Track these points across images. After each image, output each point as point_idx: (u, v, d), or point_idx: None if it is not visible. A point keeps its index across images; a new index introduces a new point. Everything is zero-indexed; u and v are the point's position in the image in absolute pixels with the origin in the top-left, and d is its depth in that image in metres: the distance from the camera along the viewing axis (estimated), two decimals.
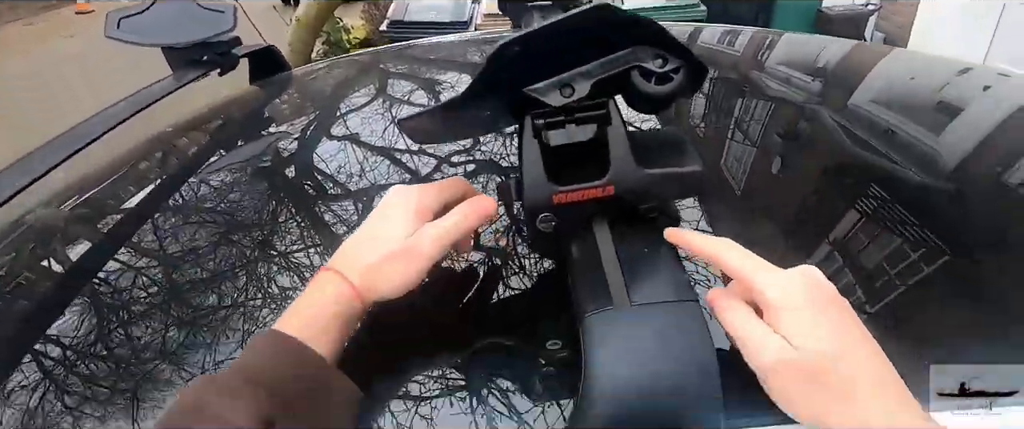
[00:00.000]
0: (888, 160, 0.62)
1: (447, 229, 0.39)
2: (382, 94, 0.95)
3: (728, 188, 0.60)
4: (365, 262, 0.37)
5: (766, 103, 0.81)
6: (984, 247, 0.49)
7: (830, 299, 0.31)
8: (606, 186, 0.37)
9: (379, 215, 0.40)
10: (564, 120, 0.37)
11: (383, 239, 0.38)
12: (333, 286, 0.36)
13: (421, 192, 0.40)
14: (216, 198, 0.66)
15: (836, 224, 0.53)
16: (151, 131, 0.90)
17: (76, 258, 0.62)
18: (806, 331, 0.29)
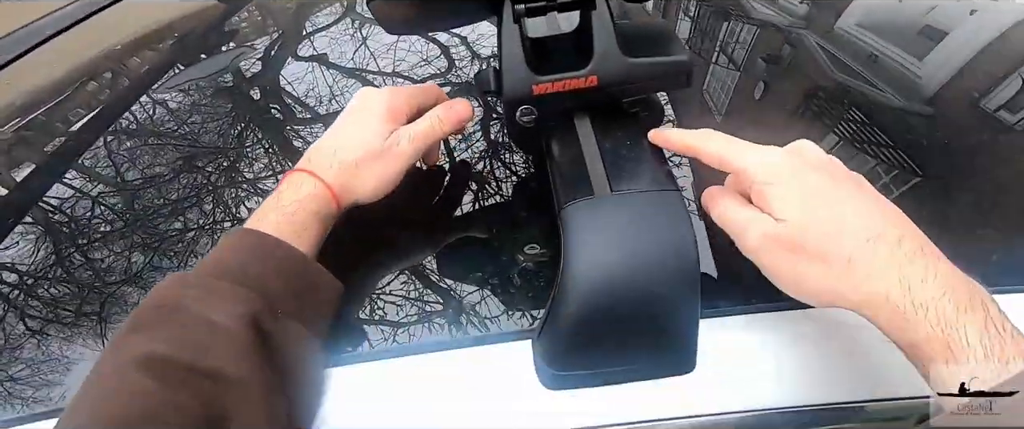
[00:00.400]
0: (869, 85, 0.62)
1: (423, 131, 0.38)
2: (351, 12, 0.90)
3: (710, 112, 0.59)
4: (340, 163, 0.36)
5: (751, 26, 0.79)
6: (957, 171, 0.50)
7: (815, 166, 0.30)
8: (589, 76, 0.35)
9: (350, 118, 0.38)
10: (545, 6, 0.35)
11: (358, 141, 0.37)
12: (309, 186, 0.35)
13: (392, 94, 0.39)
14: (174, 118, 0.63)
15: None
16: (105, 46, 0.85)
17: (22, 181, 0.58)
18: (788, 203, 0.29)
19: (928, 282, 0.25)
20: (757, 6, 0.86)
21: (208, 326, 0.28)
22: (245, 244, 0.32)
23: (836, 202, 0.29)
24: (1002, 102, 0.58)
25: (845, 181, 0.30)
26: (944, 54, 0.69)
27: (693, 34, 0.79)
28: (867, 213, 0.28)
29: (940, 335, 0.24)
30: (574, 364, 0.32)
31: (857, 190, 0.30)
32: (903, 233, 0.27)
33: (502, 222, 0.44)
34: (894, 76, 0.65)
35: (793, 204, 0.29)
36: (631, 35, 0.37)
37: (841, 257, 0.27)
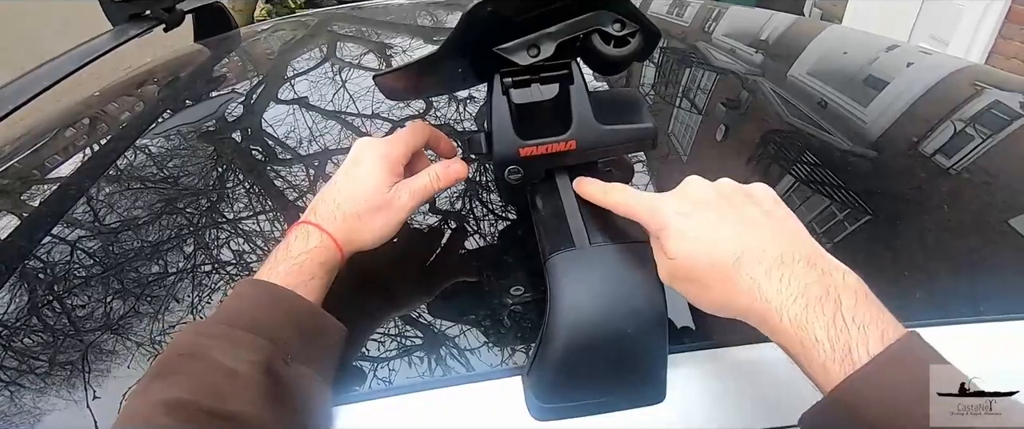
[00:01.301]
0: (820, 129, 0.68)
1: (423, 187, 0.42)
2: (333, 57, 0.93)
3: (674, 152, 0.63)
4: (344, 215, 0.39)
5: (713, 73, 0.85)
6: (902, 207, 0.55)
7: (697, 203, 0.34)
8: (568, 141, 0.40)
9: (352, 169, 0.41)
10: (530, 79, 0.40)
11: (360, 193, 0.39)
12: (316, 238, 0.38)
13: (388, 143, 0.42)
14: (163, 164, 0.64)
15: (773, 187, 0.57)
16: (87, 91, 0.85)
17: (7, 233, 0.58)
18: (674, 244, 0.32)
19: (784, 289, 0.29)
20: (717, 55, 0.93)
21: (226, 372, 0.30)
22: (257, 294, 0.35)
23: (712, 231, 0.32)
24: (938, 147, 0.64)
25: (725, 208, 0.33)
26: (885, 102, 0.75)
27: (658, 80, 0.85)
28: (735, 235, 0.32)
29: (796, 334, 0.28)
30: (561, 397, 0.35)
31: (735, 213, 0.33)
32: (767, 247, 0.31)
33: (491, 267, 0.47)
34: (842, 121, 0.71)
35: (677, 243, 0.32)
36: (604, 103, 0.42)
37: (719, 279, 0.31)
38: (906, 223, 0.53)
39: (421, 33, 1.05)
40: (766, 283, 0.29)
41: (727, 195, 0.34)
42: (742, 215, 0.33)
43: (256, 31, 1.14)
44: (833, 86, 0.79)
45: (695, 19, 1.11)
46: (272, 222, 0.54)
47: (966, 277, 0.47)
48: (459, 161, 0.44)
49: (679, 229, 0.32)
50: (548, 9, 0.38)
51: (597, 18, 0.40)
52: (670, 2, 1.19)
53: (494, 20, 0.37)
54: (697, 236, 0.32)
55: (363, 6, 1.28)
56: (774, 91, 0.78)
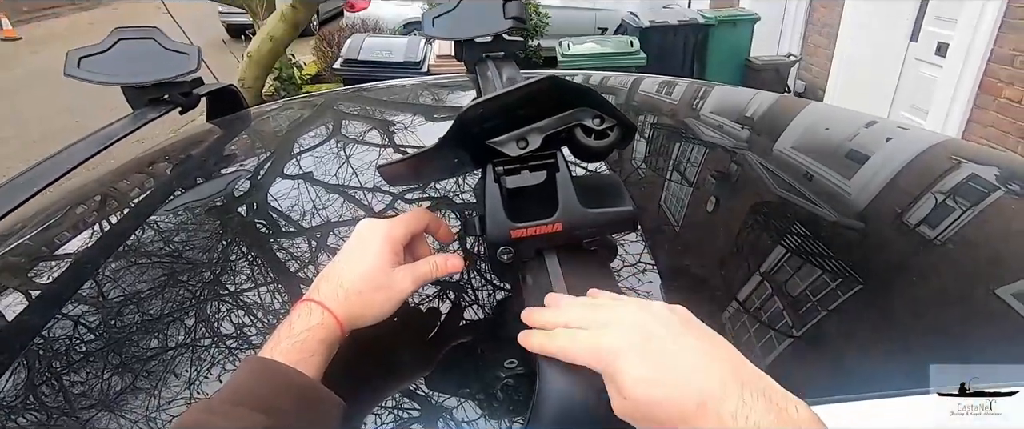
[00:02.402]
0: (807, 200, 0.71)
1: (423, 274, 0.44)
2: (338, 134, 0.97)
3: (668, 223, 0.66)
4: (346, 294, 0.41)
5: (701, 147, 0.89)
6: (887, 275, 0.57)
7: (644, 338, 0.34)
8: (555, 223, 0.44)
9: (355, 248, 0.44)
10: (520, 168, 0.44)
11: (362, 273, 0.42)
12: (318, 316, 0.39)
13: (391, 225, 0.45)
14: (176, 239, 0.66)
15: (764, 257, 0.59)
16: (105, 168, 0.89)
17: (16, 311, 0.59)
18: (630, 386, 0.33)
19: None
20: (705, 130, 0.97)
21: None
22: (260, 371, 0.36)
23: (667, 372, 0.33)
24: (921, 218, 0.67)
25: (667, 342, 0.34)
26: (868, 175, 0.79)
27: (650, 154, 0.89)
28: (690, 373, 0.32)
29: None
30: None
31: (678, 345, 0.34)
32: (723, 384, 0.31)
33: (486, 340, 0.49)
34: (828, 193, 0.74)
35: (634, 387, 0.33)
36: (589, 188, 0.46)
37: (681, 421, 0.32)
38: (896, 292, 0.54)
39: (423, 111, 1.11)
40: (731, 425, 0.30)
41: (663, 321, 0.35)
42: (684, 345, 0.34)
43: (265, 110, 1.20)
44: (817, 160, 0.83)
45: (683, 97, 1.17)
46: (277, 295, 0.56)
47: (954, 346, 0.48)
48: (457, 256, 0.47)
49: (633, 375, 0.33)
50: (534, 108, 0.43)
51: (578, 114, 0.44)
52: (660, 81, 1.26)
53: (486, 118, 0.42)
54: (654, 378, 0.32)
55: (368, 86, 1.35)
56: (761, 164, 0.81)
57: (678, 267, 0.59)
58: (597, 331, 0.36)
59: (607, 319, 0.36)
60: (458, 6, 0.73)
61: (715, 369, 0.32)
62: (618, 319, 0.36)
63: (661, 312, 0.36)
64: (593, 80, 1.38)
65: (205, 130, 1.03)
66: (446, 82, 1.35)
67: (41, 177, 0.58)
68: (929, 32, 3.63)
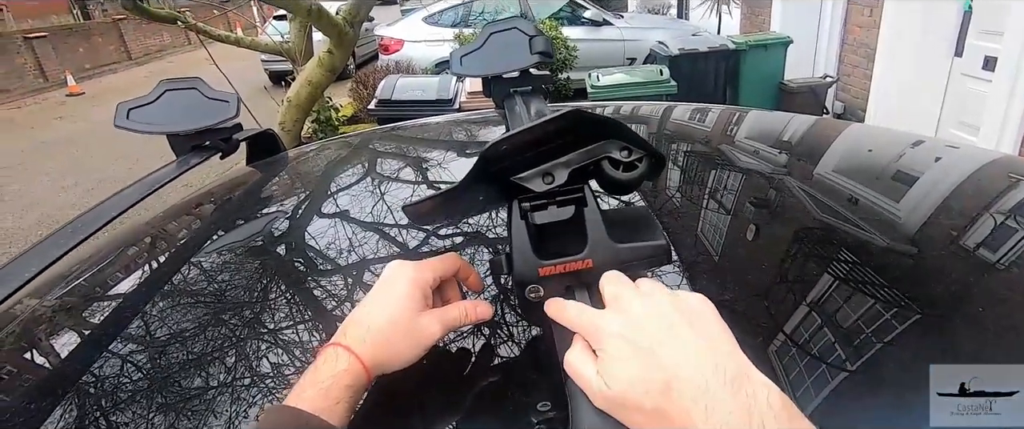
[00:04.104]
0: (853, 225, 0.67)
1: (452, 320, 0.44)
2: (372, 173, 0.99)
3: (706, 253, 0.63)
4: (374, 339, 0.40)
5: (738, 173, 0.86)
6: (946, 303, 0.53)
7: (633, 325, 0.35)
8: (585, 260, 0.42)
9: (383, 291, 0.43)
10: (546, 203, 0.43)
11: (389, 318, 0.41)
12: (344, 361, 0.39)
13: (418, 269, 0.44)
14: (218, 279, 0.68)
15: (810, 286, 0.56)
16: (149, 212, 0.93)
17: (70, 349, 0.61)
18: (608, 365, 0.34)
19: (710, 419, 0.30)
20: (740, 156, 0.95)
21: None
22: (284, 422, 0.36)
23: (646, 358, 0.33)
24: (980, 240, 0.63)
25: (657, 329, 0.34)
26: (918, 196, 0.75)
27: (684, 181, 0.87)
28: (667, 361, 0.33)
29: None
30: None
31: (666, 333, 0.34)
32: (694, 373, 0.32)
33: (515, 384, 0.47)
34: (875, 217, 0.70)
35: (610, 366, 0.34)
36: (618, 222, 0.45)
37: (652, 408, 0.32)
38: (959, 321, 0.50)
39: (455, 147, 1.12)
40: (696, 413, 0.30)
41: (665, 316, 0.35)
42: (680, 339, 0.34)
43: (303, 152, 1.23)
44: (861, 183, 0.79)
45: (717, 123, 1.15)
46: (314, 334, 0.56)
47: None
48: (486, 303, 0.47)
49: (615, 354, 0.34)
50: (560, 141, 0.42)
51: (605, 147, 0.43)
52: (692, 108, 1.25)
53: (511, 153, 0.41)
54: (632, 359, 0.33)
55: (400, 126, 1.37)
56: (802, 189, 0.78)
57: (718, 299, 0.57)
58: (601, 311, 0.38)
59: (615, 300, 0.38)
60: (485, 44, 0.74)
61: (693, 357, 0.33)
62: (622, 304, 0.37)
63: (669, 300, 0.36)
64: (623, 110, 1.38)
65: (245, 173, 1.07)
66: (476, 118, 1.37)
67: (93, 222, 0.61)
68: (974, 46, 3.50)
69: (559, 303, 0.41)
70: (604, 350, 0.35)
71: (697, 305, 0.36)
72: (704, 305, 0.37)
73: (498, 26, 0.77)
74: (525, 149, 0.41)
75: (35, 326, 0.68)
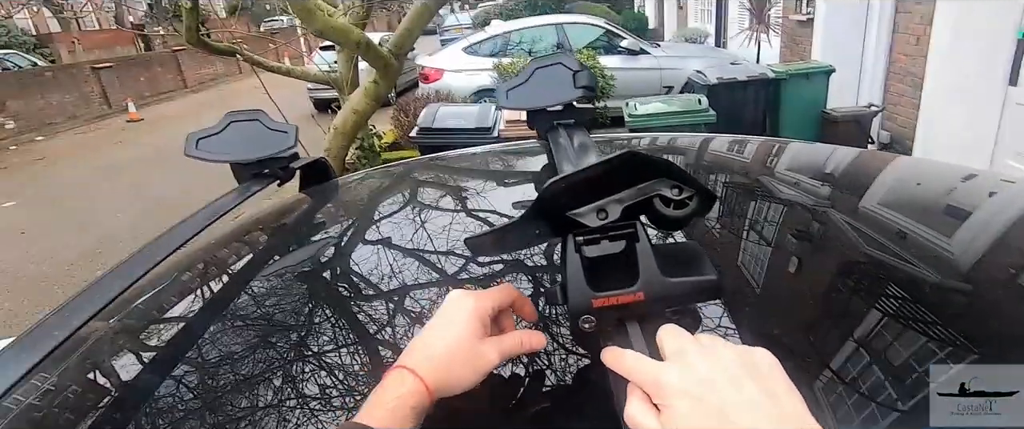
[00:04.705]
0: (902, 260, 0.66)
1: (509, 348, 0.46)
2: (418, 202, 1.03)
3: (748, 285, 0.63)
4: (437, 364, 0.42)
5: (778, 206, 0.86)
6: (1003, 343, 0.52)
7: (701, 382, 0.35)
8: (636, 293, 0.43)
9: (445, 319, 0.45)
10: (599, 237, 0.45)
11: (451, 344, 0.43)
12: (409, 383, 0.41)
13: (479, 298, 0.46)
14: (278, 302, 0.71)
15: (859, 322, 0.56)
16: (211, 235, 0.98)
17: (135, 373, 0.65)
18: (672, 427, 0.34)
19: None
20: (781, 188, 0.94)
21: None
22: None
23: (715, 421, 0.33)
24: None
25: (727, 390, 0.34)
26: (972, 232, 0.73)
27: (724, 214, 0.87)
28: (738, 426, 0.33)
29: None
30: None
31: (736, 395, 0.34)
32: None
33: (567, 411, 0.48)
34: (926, 252, 0.69)
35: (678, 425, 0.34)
36: (668, 256, 0.46)
37: None
38: (1016, 361, 0.49)
39: (499, 177, 1.15)
40: None
41: (730, 374, 0.35)
42: (745, 398, 0.34)
43: (351, 180, 1.29)
44: (910, 217, 0.78)
45: (756, 155, 1.14)
46: (372, 357, 0.58)
47: None
48: (540, 333, 0.49)
49: (682, 413, 0.34)
50: (614, 180, 0.44)
51: (657, 185, 0.45)
52: (730, 140, 1.25)
53: (566, 191, 0.44)
54: (698, 421, 0.33)
55: (447, 155, 1.42)
56: (847, 222, 0.77)
57: (765, 334, 0.57)
58: (663, 364, 0.38)
59: (678, 355, 0.37)
60: (531, 78, 0.78)
61: (763, 418, 0.32)
62: (687, 358, 0.37)
63: (733, 357, 0.36)
64: (660, 141, 1.39)
65: (298, 199, 1.12)
66: (517, 149, 1.40)
67: (166, 246, 0.66)
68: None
69: (616, 352, 0.41)
70: (668, 406, 0.35)
71: (763, 361, 0.37)
72: (770, 361, 0.37)
73: (543, 61, 0.81)
74: (581, 187, 0.44)
75: (105, 347, 0.71)
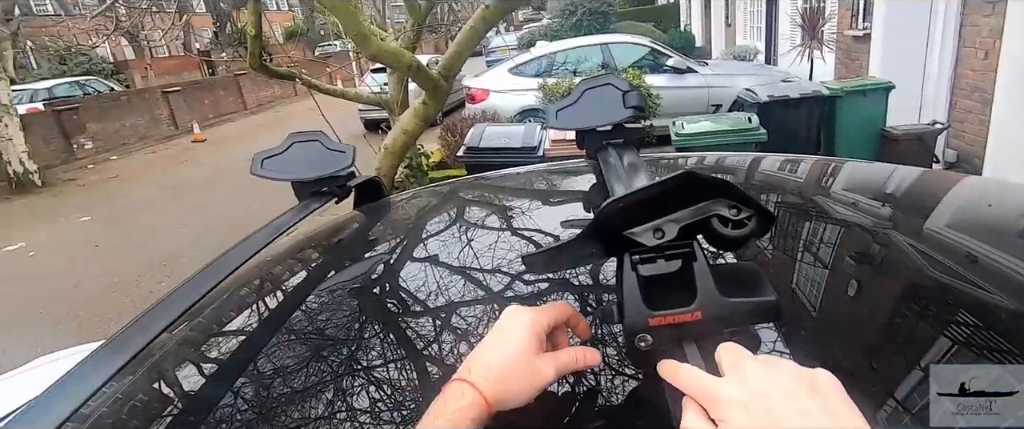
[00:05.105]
0: (973, 285, 0.63)
1: (564, 363, 0.46)
2: (465, 219, 1.05)
3: (805, 308, 0.62)
4: (495, 377, 0.43)
5: (835, 227, 0.83)
6: None
7: (757, 396, 0.35)
8: (694, 312, 0.43)
9: (502, 333, 0.46)
10: (656, 256, 0.45)
11: (509, 357, 0.44)
12: (470, 396, 0.42)
13: (536, 314, 0.47)
14: (335, 317, 0.74)
15: (925, 350, 0.53)
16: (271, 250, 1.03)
17: (198, 383, 0.68)
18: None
19: None
20: (838, 208, 0.91)
21: None
22: None
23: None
24: None
25: (785, 405, 0.34)
26: None
27: (778, 235, 0.85)
28: None
29: None
30: None
31: (795, 412, 0.34)
32: None
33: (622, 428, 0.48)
34: (1000, 278, 0.65)
35: None
36: (725, 276, 0.46)
37: None
38: None
39: (540, 195, 1.16)
40: None
41: (788, 389, 0.35)
42: (802, 413, 0.34)
43: (400, 198, 1.33)
44: (981, 240, 0.74)
45: (809, 174, 1.11)
46: (422, 372, 0.60)
47: None
48: (594, 350, 0.49)
49: (738, 424, 0.34)
50: (671, 199, 0.44)
51: (715, 205, 0.45)
52: (783, 159, 1.22)
53: (623, 211, 0.44)
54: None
55: (488, 175, 1.44)
56: (910, 245, 0.74)
57: (822, 358, 0.55)
58: (719, 379, 0.38)
59: (735, 369, 0.38)
60: (580, 99, 0.79)
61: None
62: (744, 373, 0.37)
63: (791, 373, 0.36)
64: (707, 161, 1.37)
65: (352, 217, 1.17)
66: (564, 168, 1.41)
67: (232, 261, 0.70)
68: None
69: (672, 365, 0.41)
70: (725, 420, 0.35)
71: (823, 379, 0.36)
72: (830, 381, 0.36)
73: (592, 82, 0.82)
74: (638, 207, 0.44)
75: (169, 359, 0.75)
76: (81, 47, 13.03)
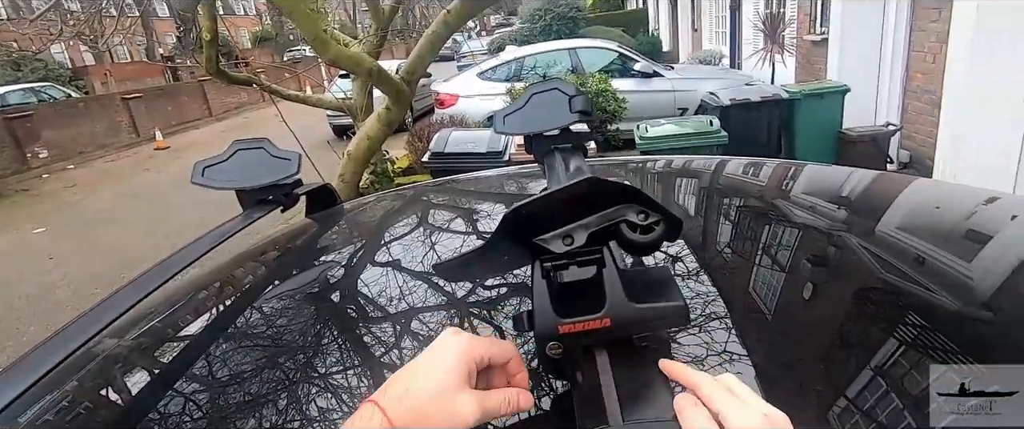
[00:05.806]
0: (920, 287, 0.63)
1: (493, 408, 0.42)
2: (422, 226, 1.02)
3: (759, 311, 0.61)
4: (411, 405, 0.39)
5: (793, 230, 0.83)
6: None
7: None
8: (603, 318, 0.43)
9: (430, 358, 0.43)
10: (567, 263, 0.44)
11: (431, 388, 0.40)
12: (377, 421, 0.38)
13: (471, 343, 0.43)
14: (274, 325, 0.71)
15: (876, 350, 0.53)
16: (214, 261, 0.99)
17: (138, 388, 0.66)
18: None
19: None
20: (796, 211, 0.92)
21: None
22: None
23: None
24: None
25: None
26: (993, 257, 0.70)
27: (734, 238, 0.85)
28: None
29: None
30: None
31: None
32: None
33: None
34: (945, 278, 0.66)
35: None
36: (637, 283, 0.46)
37: None
38: None
39: (505, 200, 1.14)
40: None
41: None
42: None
43: (358, 205, 1.29)
44: (928, 241, 0.75)
45: (772, 177, 1.12)
46: (358, 380, 0.58)
47: None
48: (528, 394, 0.45)
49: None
50: (579, 206, 0.44)
51: (622, 211, 0.45)
52: (745, 162, 1.23)
53: (533, 217, 0.44)
54: None
55: (454, 179, 1.42)
56: (863, 247, 0.75)
57: (774, 360, 0.54)
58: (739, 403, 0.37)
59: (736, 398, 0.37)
60: (527, 104, 0.77)
61: None
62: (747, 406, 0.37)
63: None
64: (675, 164, 1.37)
65: (304, 225, 1.13)
66: (525, 172, 1.40)
67: (170, 268, 0.67)
68: None
69: (685, 369, 0.41)
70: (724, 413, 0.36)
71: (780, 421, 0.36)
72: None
73: (539, 87, 0.80)
74: (547, 212, 0.44)
75: (112, 364, 0.73)
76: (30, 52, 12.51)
